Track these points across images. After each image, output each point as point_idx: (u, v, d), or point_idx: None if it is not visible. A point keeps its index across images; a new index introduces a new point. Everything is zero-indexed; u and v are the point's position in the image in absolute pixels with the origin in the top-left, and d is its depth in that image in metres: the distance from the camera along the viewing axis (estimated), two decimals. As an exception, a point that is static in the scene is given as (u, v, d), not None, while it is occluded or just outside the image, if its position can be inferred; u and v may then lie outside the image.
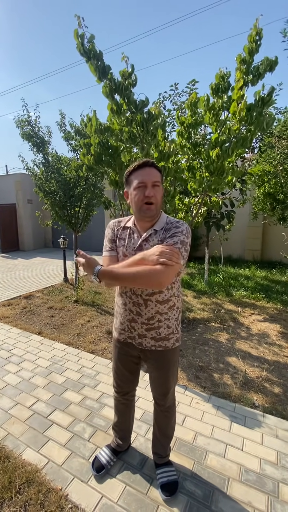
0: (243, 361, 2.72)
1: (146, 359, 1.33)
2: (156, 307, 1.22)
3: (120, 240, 1.26)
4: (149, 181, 1.14)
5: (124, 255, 1.22)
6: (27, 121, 4.12)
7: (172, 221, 1.22)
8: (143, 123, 2.22)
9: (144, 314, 1.23)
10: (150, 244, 1.19)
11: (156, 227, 1.21)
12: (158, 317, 1.24)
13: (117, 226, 1.31)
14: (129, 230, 1.26)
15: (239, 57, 2.39)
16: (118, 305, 1.32)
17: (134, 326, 1.26)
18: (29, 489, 1.44)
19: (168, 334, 1.28)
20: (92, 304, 4.34)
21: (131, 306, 1.24)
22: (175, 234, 1.14)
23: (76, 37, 2.14)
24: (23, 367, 2.60)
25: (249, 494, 1.40)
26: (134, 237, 1.23)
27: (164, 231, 1.20)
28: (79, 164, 4.07)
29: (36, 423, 1.90)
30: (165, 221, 1.23)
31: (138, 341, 1.29)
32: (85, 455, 1.65)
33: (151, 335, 1.26)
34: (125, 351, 1.36)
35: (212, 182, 2.73)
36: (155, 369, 1.34)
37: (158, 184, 1.17)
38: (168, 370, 1.33)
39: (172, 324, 1.29)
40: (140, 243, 1.20)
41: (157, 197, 1.17)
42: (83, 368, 2.58)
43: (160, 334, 1.26)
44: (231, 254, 8.17)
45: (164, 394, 1.38)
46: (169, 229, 1.18)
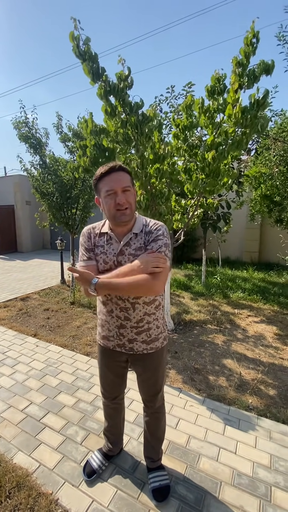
0: (239, 363, 2.71)
1: (135, 362, 1.32)
2: (144, 308, 1.22)
3: (98, 248, 1.22)
4: (118, 188, 1.11)
5: (105, 262, 1.20)
6: (25, 123, 4.12)
7: (150, 224, 1.22)
8: (137, 125, 2.22)
9: (133, 317, 1.21)
10: (131, 248, 1.18)
11: (135, 230, 1.20)
12: (147, 318, 1.23)
13: (93, 233, 1.26)
14: (106, 236, 1.23)
15: (235, 60, 2.39)
16: (103, 313, 1.29)
17: (123, 333, 1.24)
18: (19, 494, 1.42)
19: (157, 334, 1.28)
20: (88, 306, 4.33)
21: (118, 312, 1.22)
22: (158, 238, 1.15)
23: (71, 39, 2.14)
24: (17, 369, 2.58)
25: (241, 498, 1.39)
26: (113, 243, 1.21)
27: (145, 234, 1.19)
28: (75, 166, 4.08)
29: (29, 427, 1.88)
30: (142, 223, 1.23)
31: (128, 346, 1.27)
32: (77, 458, 1.63)
33: (142, 339, 1.25)
34: (113, 357, 1.34)
35: (208, 184, 2.73)
36: (144, 371, 1.33)
37: (128, 189, 1.14)
38: (157, 370, 1.32)
39: (160, 324, 1.29)
40: (121, 248, 1.19)
41: (129, 202, 1.14)
42: (77, 370, 2.56)
43: (150, 336, 1.26)
44: (229, 256, 8.17)
45: (154, 394, 1.37)
46: (150, 231, 1.18)
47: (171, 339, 3.24)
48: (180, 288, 5.22)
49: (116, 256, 1.18)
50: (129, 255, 1.17)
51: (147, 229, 1.20)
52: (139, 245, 1.17)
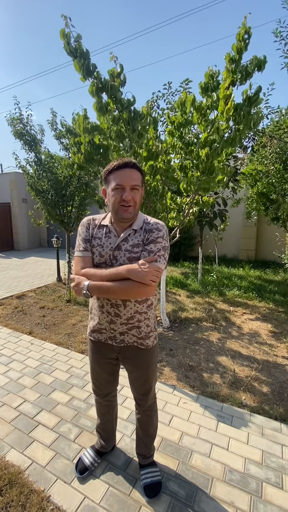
0: (233, 361, 2.72)
1: (125, 359, 1.32)
2: (135, 306, 1.21)
3: (96, 239, 1.22)
4: (127, 184, 1.11)
5: (100, 255, 1.19)
6: (19, 119, 4.08)
7: (151, 222, 1.20)
8: (129, 121, 2.21)
9: (123, 314, 1.21)
10: (129, 244, 1.17)
11: (135, 226, 1.19)
12: (137, 316, 1.23)
13: (92, 224, 1.26)
14: (106, 228, 1.23)
15: (228, 56, 2.38)
16: (94, 307, 1.29)
17: (114, 327, 1.25)
18: (11, 491, 1.42)
19: (148, 332, 1.28)
20: (84, 304, 4.32)
21: (108, 308, 1.21)
22: (157, 240, 1.14)
23: (62, 37, 2.12)
24: (12, 367, 2.57)
25: (232, 494, 1.40)
26: (111, 237, 1.20)
27: (144, 231, 1.18)
28: (70, 163, 4.05)
29: (22, 424, 1.88)
30: (143, 220, 1.22)
31: (119, 339, 1.26)
32: (69, 456, 1.63)
33: (133, 333, 1.25)
34: (103, 353, 1.33)
35: (202, 181, 2.73)
36: (135, 369, 1.33)
37: (137, 188, 1.14)
38: (148, 369, 1.32)
39: (151, 323, 1.29)
40: (119, 243, 1.18)
41: (135, 200, 1.14)
42: (72, 368, 2.56)
43: (140, 333, 1.26)
44: (226, 253, 8.20)
45: (145, 393, 1.37)
46: (151, 230, 1.16)
47: (166, 336, 3.25)
48: (177, 286, 5.23)
49: (113, 250, 1.18)
50: (126, 251, 1.16)
51: (147, 227, 1.18)
52: (137, 242, 1.16)
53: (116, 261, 1.17)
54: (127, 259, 1.15)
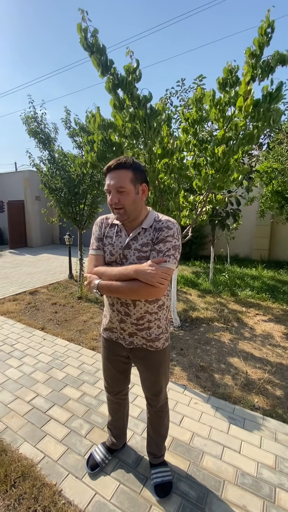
0: (245, 362, 2.67)
1: (136, 359, 1.31)
2: (145, 306, 1.19)
3: (107, 238, 1.22)
4: (112, 187, 1.09)
5: (111, 254, 1.19)
6: (33, 118, 4.13)
7: (162, 220, 1.17)
8: (145, 119, 2.19)
9: (133, 314, 1.20)
10: (138, 243, 1.16)
11: (144, 225, 1.17)
12: (148, 317, 1.21)
13: (105, 223, 1.27)
14: (117, 227, 1.22)
15: (248, 51, 2.31)
16: (106, 305, 1.30)
17: (124, 327, 1.24)
18: (24, 483, 1.45)
19: (158, 334, 1.26)
20: (95, 301, 4.36)
21: (118, 306, 1.21)
22: (167, 239, 1.10)
23: (79, 31, 2.11)
24: (25, 362, 2.63)
25: (244, 498, 1.38)
26: (122, 235, 1.20)
27: (154, 230, 1.15)
28: (83, 161, 4.07)
29: (35, 418, 1.91)
30: (153, 218, 1.19)
31: (128, 340, 1.26)
32: (81, 451, 1.65)
33: (142, 335, 1.24)
34: (114, 351, 1.33)
35: (217, 179, 2.68)
36: (145, 370, 1.32)
37: (122, 190, 1.08)
38: (158, 370, 1.31)
39: (162, 324, 1.27)
40: (128, 242, 1.17)
41: (122, 203, 1.09)
42: (83, 364, 2.59)
43: (150, 335, 1.24)
44: (238, 253, 8.06)
45: (156, 394, 1.36)
46: (160, 229, 1.13)
47: (177, 336, 3.23)
48: (187, 285, 5.19)
49: (123, 249, 1.17)
50: (135, 250, 1.15)
51: (157, 225, 1.15)
52: (146, 241, 1.15)
53: (126, 260, 1.16)
54: (136, 258, 1.14)
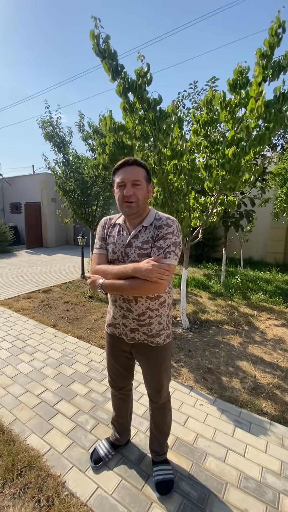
0: (254, 366, 2.62)
1: (138, 355, 1.33)
2: (147, 303, 1.22)
3: (110, 237, 1.27)
4: (128, 180, 1.14)
5: (113, 252, 1.24)
6: (49, 122, 4.28)
7: (162, 218, 1.20)
8: (155, 121, 2.22)
9: (135, 310, 1.23)
10: (139, 241, 1.19)
11: (145, 223, 1.20)
12: (149, 313, 1.24)
13: (108, 223, 1.32)
14: (119, 227, 1.27)
15: (259, 51, 2.30)
16: (109, 301, 1.34)
17: (126, 323, 1.27)
18: (30, 473, 1.50)
19: (159, 330, 1.28)
20: (106, 300, 4.42)
21: (121, 302, 1.25)
22: (167, 236, 1.13)
23: (92, 38, 2.19)
24: (36, 357, 2.71)
25: (247, 502, 1.36)
26: (123, 234, 1.24)
27: (154, 227, 1.19)
28: (95, 163, 4.17)
29: (43, 411, 1.97)
30: (154, 216, 1.22)
31: (130, 336, 1.29)
32: (85, 445, 1.69)
33: (143, 331, 1.27)
34: (118, 347, 1.37)
35: (228, 181, 2.66)
36: (147, 366, 1.34)
37: (138, 183, 1.15)
38: (160, 367, 1.32)
39: (163, 321, 1.29)
40: (130, 240, 1.21)
41: (137, 195, 1.15)
42: (91, 362, 2.63)
43: (151, 330, 1.26)
44: (252, 256, 7.90)
45: (157, 391, 1.37)
46: (160, 226, 1.16)
47: (186, 337, 3.22)
48: (198, 287, 5.15)
49: (124, 247, 1.21)
50: (136, 247, 1.19)
51: (157, 223, 1.19)
52: (146, 239, 1.18)
53: (128, 258, 1.19)
54: (137, 255, 1.17)
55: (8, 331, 3.28)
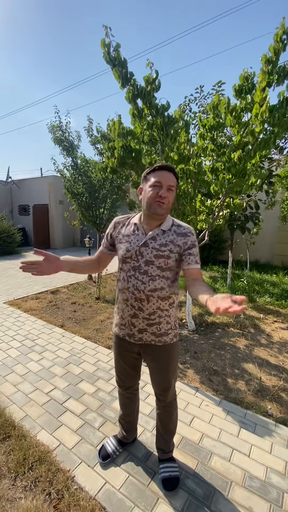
0: (260, 369, 2.64)
1: (146, 355, 1.37)
2: (158, 303, 1.26)
3: (124, 237, 1.32)
4: (165, 183, 1.20)
5: (127, 250, 1.28)
6: (59, 127, 4.38)
7: (181, 225, 1.28)
8: (163, 127, 2.28)
9: (146, 309, 1.27)
10: (157, 243, 1.24)
11: (163, 227, 1.26)
12: (159, 312, 1.28)
13: (121, 223, 1.36)
14: (134, 226, 1.31)
15: (264, 57, 2.33)
16: (119, 301, 1.37)
17: (135, 322, 1.31)
18: (40, 467, 1.56)
19: (167, 329, 1.32)
20: (112, 302, 4.48)
21: (133, 301, 1.28)
22: (195, 244, 1.27)
23: (103, 46, 2.26)
24: (44, 356, 2.78)
25: (251, 500, 1.39)
26: (139, 234, 1.28)
27: (175, 233, 1.25)
28: (103, 166, 4.24)
29: (52, 408, 2.03)
30: (171, 223, 1.28)
31: (138, 336, 1.32)
32: (93, 442, 1.74)
33: (152, 331, 1.30)
34: (126, 347, 1.40)
35: (234, 184, 2.69)
36: (155, 365, 1.38)
37: (172, 189, 1.22)
38: (168, 365, 1.36)
39: (171, 321, 1.33)
40: (146, 241, 1.25)
41: (169, 199, 1.22)
42: (99, 361, 2.69)
43: (160, 329, 1.30)
44: (259, 258, 7.86)
45: (165, 389, 1.41)
46: (186, 234, 1.25)
47: (192, 339, 3.24)
48: (204, 290, 5.16)
49: (139, 246, 1.26)
50: (153, 248, 1.24)
51: (178, 230, 1.26)
52: (165, 242, 1.24)
53: (142, 257, 1.24)
54: (153, 256, 1.23)
55: (18, 331, 3.37)
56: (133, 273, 1.25)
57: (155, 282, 1.23)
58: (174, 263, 1.25)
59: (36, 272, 1.20)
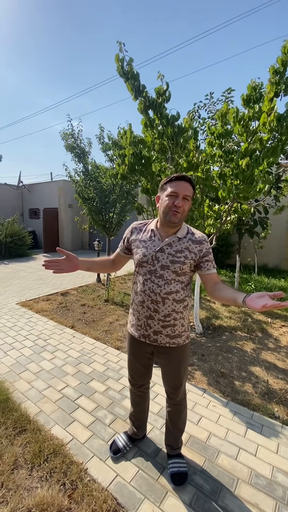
0: (267, 372, 2.67)
1: (159, 354, 1.45)
2: (173, 305, 1.34)
3: (141, 242, 1.40)
4: (181, 193, 1.27)
5: (144, 255, 1.36)
6: (71, 134, 4.54)
7: (196, 233, 1.36)
8: (173, 136, 2.37)
9: (161, 311, 1.34)
10: (173, 249, 1.32)
11: (179, 234, 1.34)
12: (174, 315, 1.35)
13: (138, 229, 1.45)
14: (151, 232, 1.40)
15: (272, 68, 2.41)
16: (135, 302, 1.44)
17: (150, 324, 1.38)
18: (55, 459, 1.64)
19: (181, 331, 1.39)
20: (121, 304, 4.57)
21: (149, 303, 1.36)
22: (209, 250, 1.36)
23: (117, 61, 2.38)
24: (56, 355, 2.88)
25: (257, 497, 1.43)
26: (155, 240, 1.36)
27: (191, 241, 1.33)
28: (113, 173, 4.37)
29: (65, 405, 2.12)
30: (186, 231, 1.36)
31: (153, 338, 1.39)
32: (104, 437, 1.81)
33: (166, 332, 1.37)
34: (140, 347, 1.47)
35: (241, 190, 2.76)
36: (167, 364, 1.45)
37: (188, 198, 1.30)
38: (180, 365, 1.43)
39: (185, 323, 1.40)
40: (162, 247, 1.33)
41: (184, 208, 1.30)
42: (108, 362, 2.77)
43: (174, 331, 1.37)
44: (267, 263, 7.83)
45: (176, 387, 1.48)
46: (201, 242, 1.33)
47: (199, 342, 3.30)
48: (212, 293, 5.19)
49: (156, 252, 1.34)
50: (169, 254, 1.32)
51: (193, 238, 1.34)
52: (181, 249, 1.32)
53: (158, 262, 1.33)
54: (169, 261, 1.31)
55: (30, 331, 3.49)
56: (149, 277, 1.34)
57: (170, 285, 1.31)
58: (188, 269, 1.33)
59: (57, 270, 1.30)
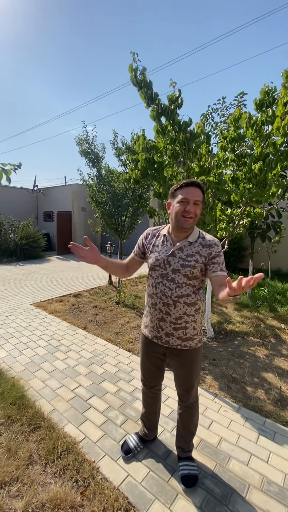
0: (280, 379, 2.62)
1: (171, 356, 1.47)
2: (184, 308, 1.36)
3: (154, 247, 1.44)
4: (191, 199, 1.31)
5: (156, 259, 1.40)
6: (85, 140, 4.66)
7: (206, 237, 1.38)
8: (185, 142, 2.41)
9: (173, 313, 1.37)
10: (183, 253, 1.35)
11: (190, 239, 1.37)
12: (185, 318, 1.38)
13: (152, 234, 1.50)
14: (164, 237, 1.44)
15: (285, 73, 2.41)
16: (148, 305, 1.49)
17: (162, 326, 1.41)
18: (68, 456, 1.69)
19: (193, 334, 1.41)
20: (132, 306, 4.61)
21: (161, 306, 1.40)
22: (220, 254, 1.34)
23: (130, 71, 2.46)
24: (69, 356, 2.95)
25: (269, 504, 1.42)
26: (167, 245, 1.40)
27: (201, 245, 1.35)
28: (126, 177, 4.45)
29: (77, 404, 2.17)
30: (198, 235, 1.38)
31: (165, 339, 1.42)
32: (116, 437, 1.85)
33: (178, 335, 1.40)
34: (153, 348, 1.50)
35: (254, 194, 2.75)
36: (179, 366, 1.47)
37: (198, 203, 1.33)
38: (191, 368, 1.45)
39: (197, 326, 1.42)
40: (174, 251, 1.37)
41: (196, 213, 1.33)
42: (120, 363, 2.81)
43: (186, 334, 1.40)
44: (281, 267, 7.67)
45: (187, 390, 1.50)
46: (210, 245, 1.34)
47: (210, 346, 3.28)
48: (224, 297, 5.14)
49: (167, 256, 1.38)
50: (180, 258, 1.35)
51: (203, 242, 1.36)
52: (191, 253, 1.34)
53: (169, 266, 1.36)
54: (180, 265, 1.34)
55: (44, 331, 3.58)
56: (161, 280, 1.37)
57: (181, 289, 1.34)
58: (199, 272, 1.35)
59: (81, 257, 1.35)
